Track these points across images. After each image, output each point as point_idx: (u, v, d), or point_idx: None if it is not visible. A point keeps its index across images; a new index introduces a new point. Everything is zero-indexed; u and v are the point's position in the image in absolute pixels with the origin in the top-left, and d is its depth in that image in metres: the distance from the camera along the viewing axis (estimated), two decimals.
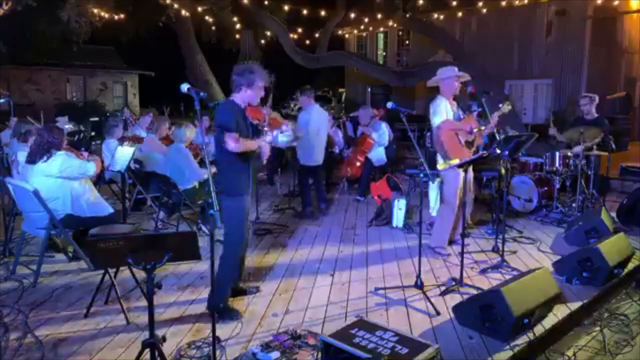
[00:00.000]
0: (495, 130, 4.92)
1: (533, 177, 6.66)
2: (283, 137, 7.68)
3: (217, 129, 3.52)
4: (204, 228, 5.51)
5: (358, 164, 7.73)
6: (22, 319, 3.50)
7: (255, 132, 3.67)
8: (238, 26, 16.51)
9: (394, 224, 6.00)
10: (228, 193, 3.53)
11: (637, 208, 5.88)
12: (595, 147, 6.41)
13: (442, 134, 4.87)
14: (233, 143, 3.37)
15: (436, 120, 4.87)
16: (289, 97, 22.13)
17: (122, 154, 5.56)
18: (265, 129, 3.73)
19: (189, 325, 3.44)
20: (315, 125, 6.34)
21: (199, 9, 14.99)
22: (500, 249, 4.75)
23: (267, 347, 3.05)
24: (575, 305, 3.78)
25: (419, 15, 14.85)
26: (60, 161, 4.27)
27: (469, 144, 4.92)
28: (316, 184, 6.72)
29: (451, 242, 5.17)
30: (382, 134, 7.72)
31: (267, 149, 3.77)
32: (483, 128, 4.96)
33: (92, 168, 4.45)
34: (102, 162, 5.12)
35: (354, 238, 5.59)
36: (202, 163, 6.15)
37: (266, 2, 14.19)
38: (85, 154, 4.78)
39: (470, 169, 5.07)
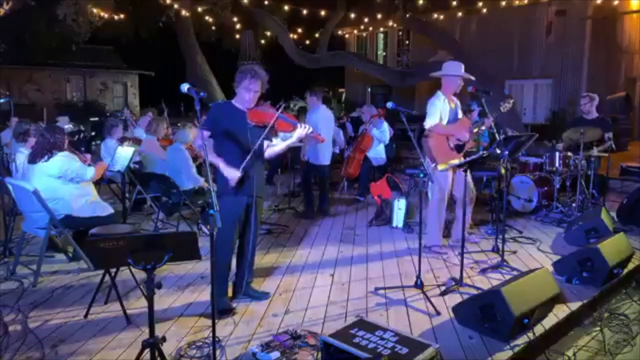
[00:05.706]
0: (495, 131, 4.93)
1: (533, 177, 6.65)
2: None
3: None
4: (204, 228, 5.50)
5: (357, 162, 7.75)
6: (22, 319, 3.50)
7: (255, 134, 3.57)
8: (238, 26, 16.51)
9: (394, 224, 6.00)
10: (219, 193, 3.56)
11: (637, 208, 5.88)
12: (595, 148, 6.40)
13: (431, 138, 4.88)
14: (199, 140, 3.44)
15: (428, 122, 4.87)
16: (294, 97, 22.05)
17: (122, 154, 5.55)
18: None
19: (189, 325, 3.44)
20: (324, 126, 6.37)
21: (199, 9, 15.00)
22: (500, 249, 4.75)
23: (267, 347, 3.05)
24: (575, 305, 3.78)
25: (419, 15, 14.84)
26: (61, 162, 4.26)
27: (459, 148, 4.93)
28: (320, 184, 6.74)
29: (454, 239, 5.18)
30: (384, 131, 7.77)
31: (275, 150, 3.89)
32: (484, 128, 4.95)
33: (90, 173, 4.40)
34: (108, 166, 5.08)
35: (354, 238, 5.59)
36: (201, 167, 6.13)
37: (266, 2, 14.20)
38: (88, 156, 4.76)
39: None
